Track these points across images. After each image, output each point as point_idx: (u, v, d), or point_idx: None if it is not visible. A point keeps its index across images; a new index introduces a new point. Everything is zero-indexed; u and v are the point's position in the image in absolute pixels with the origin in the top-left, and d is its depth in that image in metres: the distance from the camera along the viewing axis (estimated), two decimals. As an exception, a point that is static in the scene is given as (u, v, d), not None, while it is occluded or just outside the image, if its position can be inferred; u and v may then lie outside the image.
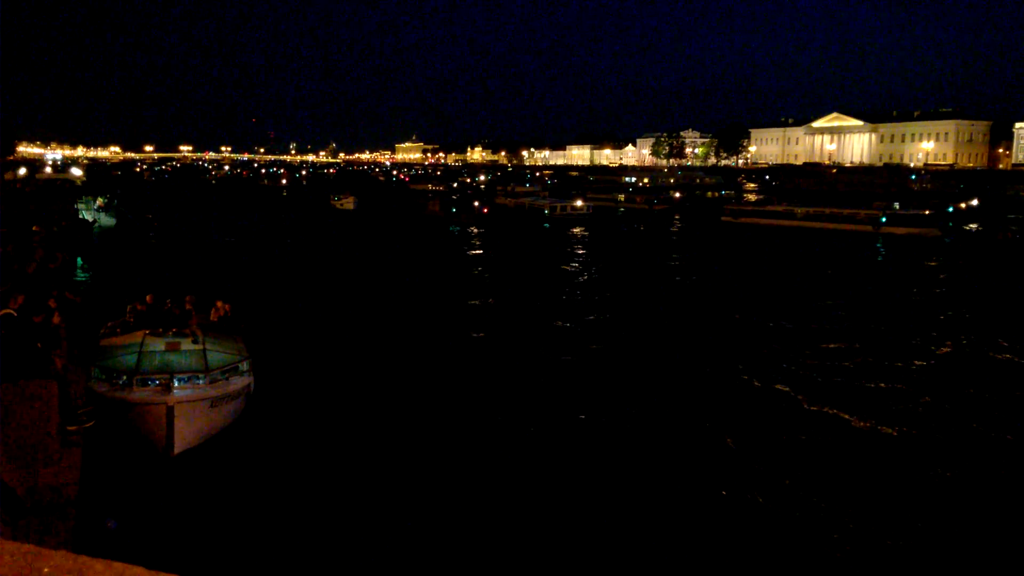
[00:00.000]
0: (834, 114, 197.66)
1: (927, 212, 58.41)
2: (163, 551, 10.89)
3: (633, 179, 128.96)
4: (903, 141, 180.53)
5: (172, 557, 10.73)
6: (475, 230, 59.66)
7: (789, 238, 54.47)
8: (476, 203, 72.53)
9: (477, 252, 47.70)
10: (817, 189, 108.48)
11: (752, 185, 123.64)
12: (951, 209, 72.07)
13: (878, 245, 51.44)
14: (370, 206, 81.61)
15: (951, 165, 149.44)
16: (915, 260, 43.25)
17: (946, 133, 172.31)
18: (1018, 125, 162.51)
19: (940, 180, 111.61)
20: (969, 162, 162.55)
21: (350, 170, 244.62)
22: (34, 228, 28.40)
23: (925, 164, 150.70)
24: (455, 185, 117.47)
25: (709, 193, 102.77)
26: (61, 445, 11.08)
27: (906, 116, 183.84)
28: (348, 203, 79.16)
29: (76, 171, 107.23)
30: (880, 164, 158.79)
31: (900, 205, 60.92)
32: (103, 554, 2.24)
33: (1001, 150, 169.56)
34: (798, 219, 60.67)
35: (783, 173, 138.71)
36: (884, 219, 55.64)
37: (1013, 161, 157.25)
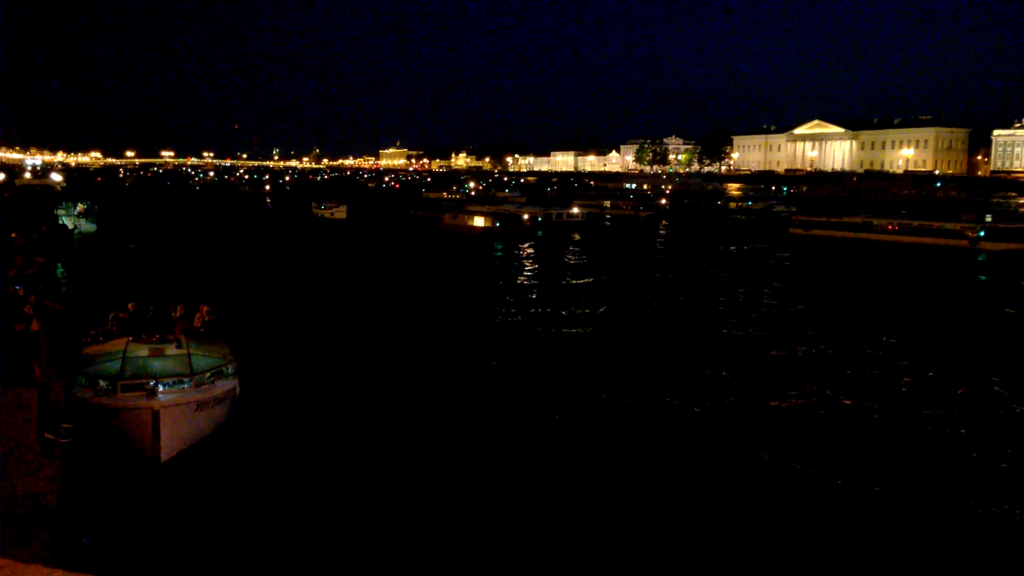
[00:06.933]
0: (816, 121, 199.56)
1: None
2: (148, 558, 10.69)
3: (633, 185, 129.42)
4: (883, 148, 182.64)
5: (157, 564, 10.54)
6: (524, 250, 50.75)
7: (871, 253, 49.26)
8: (525, 216, 60.94)
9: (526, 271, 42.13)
10: (844, 197, 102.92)
11: (737, 192, 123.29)
12: None
13: (980, 260, 46.31)
14: (363, 216, 76.35)
15: (931, 172, 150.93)
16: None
17: (925, 140, 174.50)
18: (996, 132, 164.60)
19: (967, 188, 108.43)
20: (948, 169, 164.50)
21: (337, 176, 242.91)
22: (12, 235, 27.96)
23: (939, 171, 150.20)
24: (474, 192, 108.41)
25: (732, 204, 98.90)
26: (40, 454, 10.85)
27: (886, 123, 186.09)
28: (339, 212, 72.79)
29: (56, 177, 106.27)
30: (861, 171, 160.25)
31: (993, 217, 55.89)
32: (83, 568, 2.13)
33: (980, 157, 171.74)
34: (879, 232, 55.54)
35: (810, 181, 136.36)
36: (982, 233, 50.46)
37: (991, 168, 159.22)
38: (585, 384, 19.64)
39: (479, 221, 59.43)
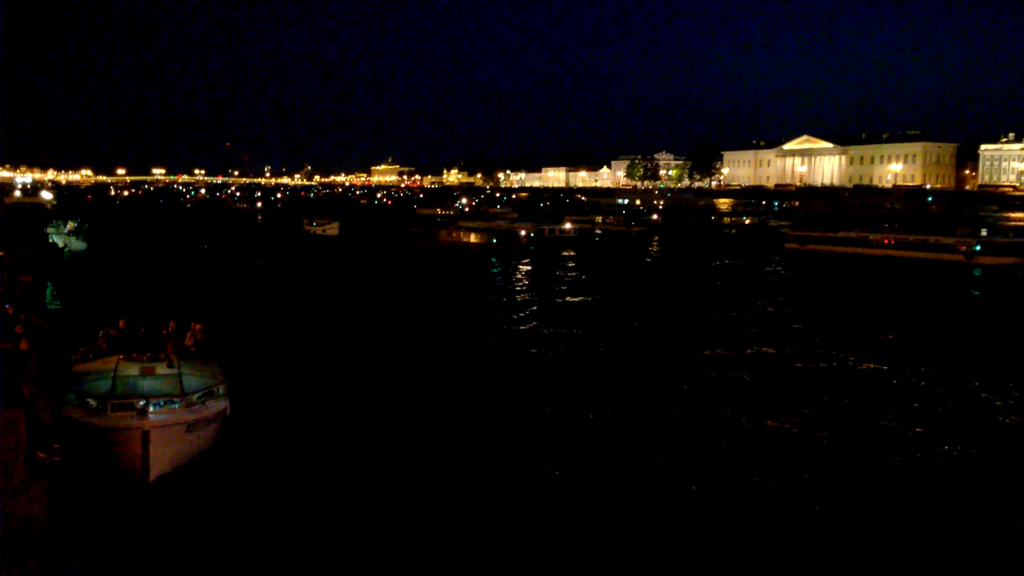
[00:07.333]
0: (805, 136, 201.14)
1: None
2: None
3: (626, 201, 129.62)
4: (872, 163, 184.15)
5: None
6: (522, 267, 50.05)
7: (867, 267, 49.16)
8: (523, 232, 60.10)
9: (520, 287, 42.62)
10: (835, 212, 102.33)
11: (727, 207, 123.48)
12: None
13: (976, 274, 46.20)
14: (355, 233, 76.02)
15: (919, 186, 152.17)
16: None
17: (914, 155, 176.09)
18: (983, 147, 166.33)
19: (958, 202, 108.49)
20: (937, 183, 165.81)
21: (329, 192, 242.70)
22: (0, 254, 27.80)
23: (928, 185, 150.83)
24: (468, 208, 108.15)
25: (726, 219, 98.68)
26: (29, 475, 10.71)
27: (875, 138, 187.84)
28: (331, 229, 72.97)
29: (46, 195, 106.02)
30: (851, 185, 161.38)
31: (987, 232, 56.06)
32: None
33: (967, 171, 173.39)
34: (875, 246, 55.56)
35: (801, 196, 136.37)
36: (978, 247, 50.62)
37: (979, 182, 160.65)
38: (583, 400, 19.59)
39: (476, 237, 59.05)
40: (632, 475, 14.77)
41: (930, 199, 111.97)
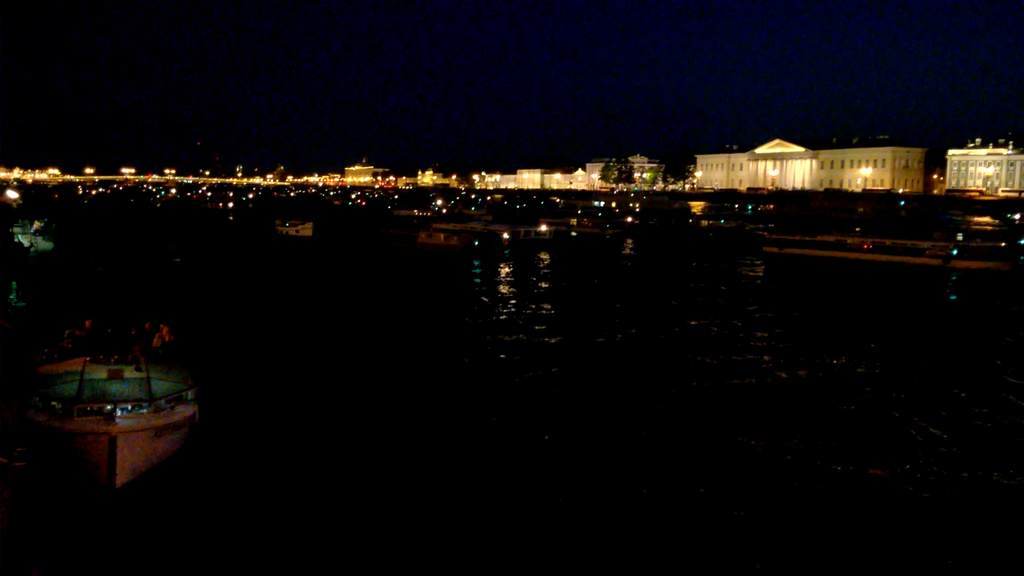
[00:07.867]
0: (777, 141, 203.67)
1: (1002, 244, 54.87)
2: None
3: (602, 203, 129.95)
4: (843, 167, 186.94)
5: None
6: (503, 269, 49.69)
7: (846, 271, 49.48)
8: (506, 235, 59.86)
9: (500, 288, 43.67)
10: (809, 216, 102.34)
11: (700, 209, 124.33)
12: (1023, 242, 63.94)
13: (953, 279, 46.51)
14: (330, 234, 75.16)
15: (888, 190, 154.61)
16: (1006, 300, 38.06)
17: (883, 159, 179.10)
18: (951, 152, 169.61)
19: (927, 207, 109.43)
20: (906, 187, 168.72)
21: (303, 193, 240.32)
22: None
23: (899, 189, 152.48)
24: (445, 210, 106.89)
25: (704, 222, 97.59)
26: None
27: (845, 143, 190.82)
28: (305, 230, 72.23)
29: (12, 194, 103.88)
30: (821, 189, 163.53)
31: (963, 236, 56.98)
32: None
33: (936, 176, 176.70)
34: (853, 250, 56.34)
35: (775, 199, 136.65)
36: (955, 252, 51.31)
37: (947, 187, 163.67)
38: (563, 405, 19.56)
39: (456, 240, 59.06)
40: (604, 483, 14.77)
41: (902, 203, 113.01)
